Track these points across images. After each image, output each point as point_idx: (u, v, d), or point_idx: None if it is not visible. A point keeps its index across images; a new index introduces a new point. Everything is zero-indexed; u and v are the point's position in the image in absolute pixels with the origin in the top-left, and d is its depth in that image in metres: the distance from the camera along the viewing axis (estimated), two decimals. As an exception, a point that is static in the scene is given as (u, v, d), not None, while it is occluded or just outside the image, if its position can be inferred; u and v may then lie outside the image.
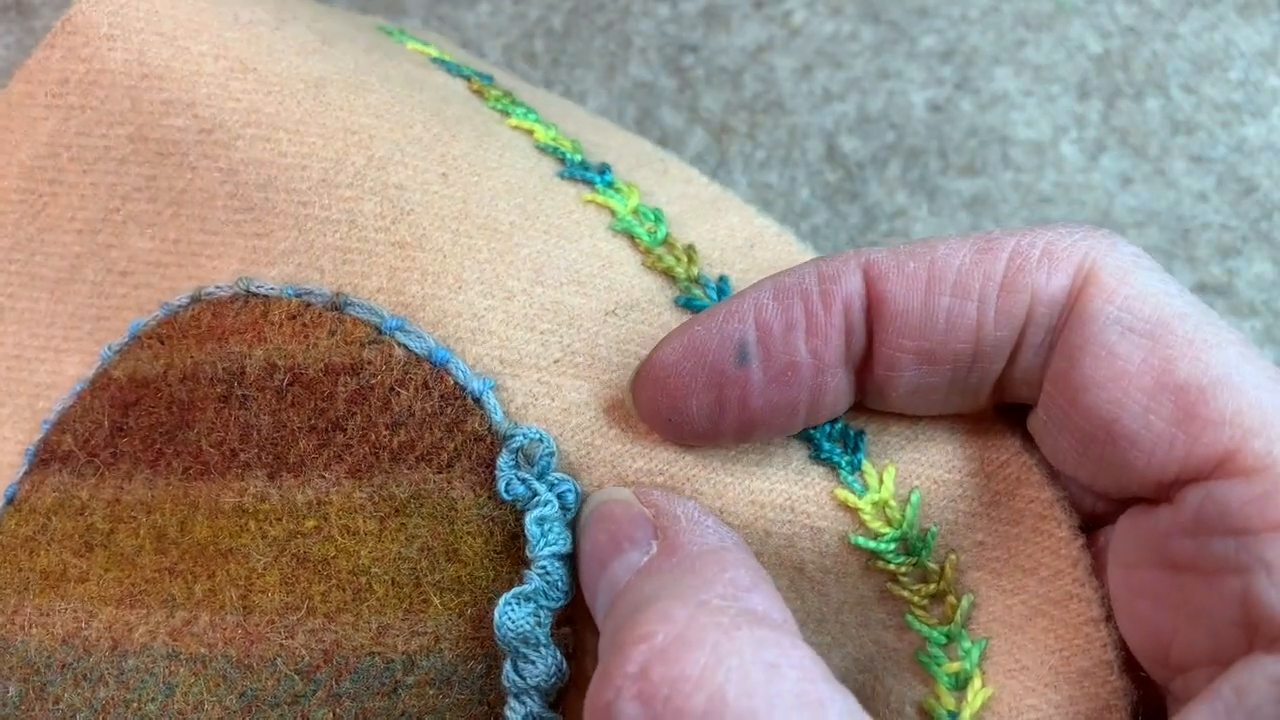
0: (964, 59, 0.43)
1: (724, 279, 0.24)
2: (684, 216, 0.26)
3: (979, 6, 0.44)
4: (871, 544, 0.21)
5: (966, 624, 0.21)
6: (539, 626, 0.21)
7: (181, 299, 0.26)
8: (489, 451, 0.22)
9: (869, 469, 0.22)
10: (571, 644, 0.22)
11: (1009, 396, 0.21)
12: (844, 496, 0.22)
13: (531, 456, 0.22)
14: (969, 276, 0.20)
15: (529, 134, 0.27)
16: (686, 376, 0.21)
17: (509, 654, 0.21)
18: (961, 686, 0.21)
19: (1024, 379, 0.21)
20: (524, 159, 0.26)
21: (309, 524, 0.23)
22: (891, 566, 0.21)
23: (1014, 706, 0.21)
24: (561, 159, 0.26)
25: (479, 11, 0.46)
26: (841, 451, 0.22)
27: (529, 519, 0.22)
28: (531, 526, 0.21)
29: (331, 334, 0.23)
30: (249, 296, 0.25)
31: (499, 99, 0.28)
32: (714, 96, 0.44)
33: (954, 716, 0.21)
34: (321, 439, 0.23)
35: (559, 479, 0.22)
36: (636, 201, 0.26)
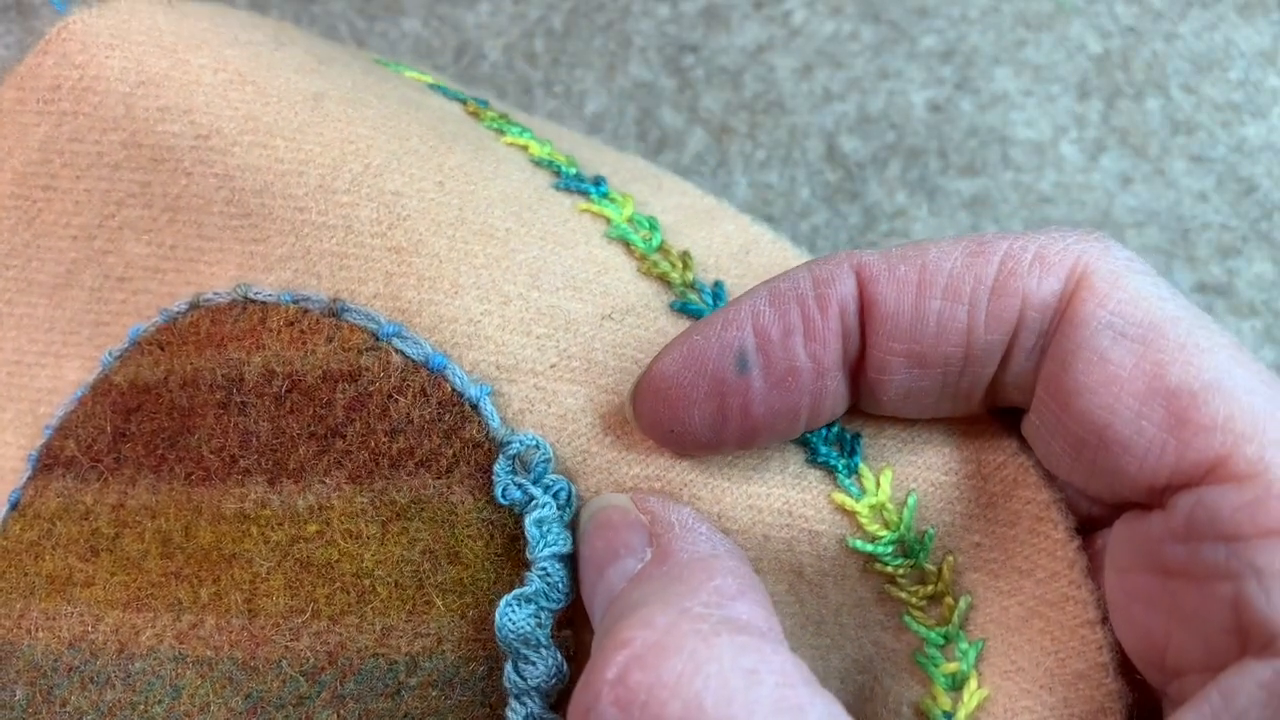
0: (964, 59, 0.44)
1: (719, 284, 0.24)
2: (679, 225, 0.26)
3: (979, 6, 0.44)
4: (869, 547, 0.21)
5: (964, 625, 0.21)
6: (539, 628, 0.21)
7: (180, 305, 0.26)
8: (487, 457, 0.23)
9: (866, 472, 0.22)
10: (572, 646, 0.22)
11: (1002, 401, 0.21)
12: (841, 500, 0.22)
13: (528, 462, 0.22)
14: (960, 280, 0.20)
15: (524, 149, 0.27)
16: (687, 387, 0.21)
17: (510, 655, 0.21)
18: (958, 687, 0.21)
19: (1016, 383, 0.21)
20: (519, 171, 0.26)
21: (311, 529, 0.23)
22: (889, 569, 0.22)
23: (1009, 708, 0.21)
24: (556, 171, 0.27)
25: (479, 11, 0.46)
26: (838, 455, 0.22)
27: (528, 521, 0.22)
28: (531, 529, 0.22)
29: (329, 340, 0.24)
30: (247, 303, 0.25)
31: (494, 119, 0.28)
32: (714, 96, 0.44)
33: (949, 717, 0.21)
34: (321, 445, 0.23)
35: (554, 480, 0.22)
36: (631, 210, 0.26)
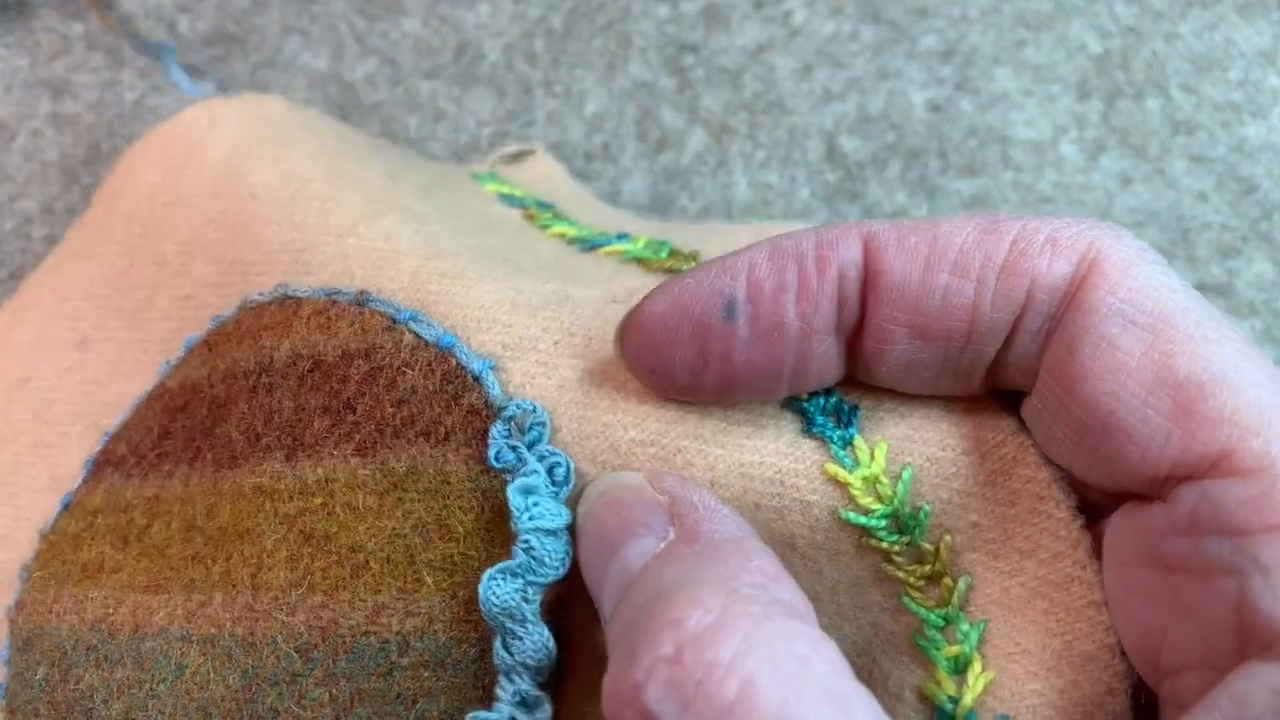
0: (964, 59, 0.44)
1: None
2: (693, 244, 0.28)
3: (979, 6, 0.44)
4: (861, 519, 0.21)
5: (964, 606, 0.21)
6: (526, 602, 0.21)
7: (229, 310, 0.28)
8: (484, 424, 0.23)
9: (861, 444, 0.22)
10: (566, 625, 0.22)
11: (1002, 382, 0.21)
12: (834, 471, 0.21)
13: (523, 426, 0.22)
14: (970, 256, 0.20)
15: (563, 235, 0.30)
16: (672, 327, 0.21)
17: (497, 630, 0.21)
18: (961, 670, 0.21)
19: (1018, 365, 0.20)
20: (553, 249, 0.29)
21: (316, 501, 0.23)
22: (884, 544, 0.21)
23: (1015, 691, 0.20)
24: (584, 240, 0.30)
25: (479, 11, 0.46)
26: (834, 426, 0.22)
27: (511, 490, 0.21)
28: (515, 497, 0.21)
29: (351, 324, 0.25)
30: (285, 299, 0.26)
31: (548, 219, 0.31)
32: (714, 96, 0.44)
33: (955, 702, 0.21)
34: (335, 419, 0.24)
35: (550, 451, 0.22)
36: (646, 239, 0.28)
